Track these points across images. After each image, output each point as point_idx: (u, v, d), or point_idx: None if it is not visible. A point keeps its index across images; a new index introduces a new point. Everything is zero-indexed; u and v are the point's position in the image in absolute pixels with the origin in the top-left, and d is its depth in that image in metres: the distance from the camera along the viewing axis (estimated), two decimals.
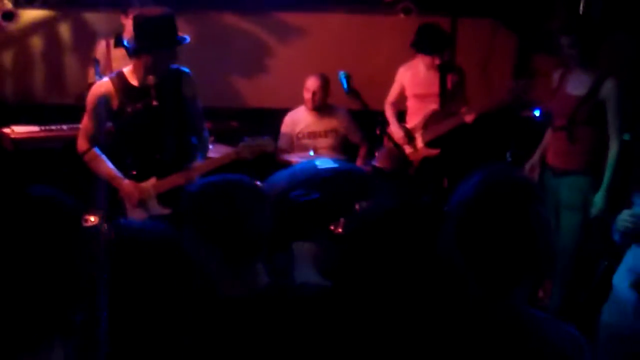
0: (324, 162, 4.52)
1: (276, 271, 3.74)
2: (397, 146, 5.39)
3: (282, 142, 5.96)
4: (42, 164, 5.36)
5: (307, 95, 5.89)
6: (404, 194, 5.34)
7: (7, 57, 6.27)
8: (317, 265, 3.86)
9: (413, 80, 5.81)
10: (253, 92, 6.73)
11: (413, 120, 5.84)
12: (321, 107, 5.91)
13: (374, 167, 5.53)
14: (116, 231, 1.79)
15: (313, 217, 4.05)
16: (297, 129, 5.95)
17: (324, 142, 5.93)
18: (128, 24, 5.46)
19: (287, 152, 5.91)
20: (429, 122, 5.76)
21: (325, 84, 5.86)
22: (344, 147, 6.04)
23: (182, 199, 2.40)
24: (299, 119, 5.99)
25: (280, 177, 4.47)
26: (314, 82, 5.86)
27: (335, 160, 4.67)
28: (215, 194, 2.28)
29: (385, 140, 5.57)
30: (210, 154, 4.96)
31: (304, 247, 3.92)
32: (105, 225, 1.65)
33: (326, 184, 4.18)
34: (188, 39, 4.26)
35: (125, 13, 5.53)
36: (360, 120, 5.89)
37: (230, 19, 6.66)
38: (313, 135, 5.94)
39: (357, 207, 2.84)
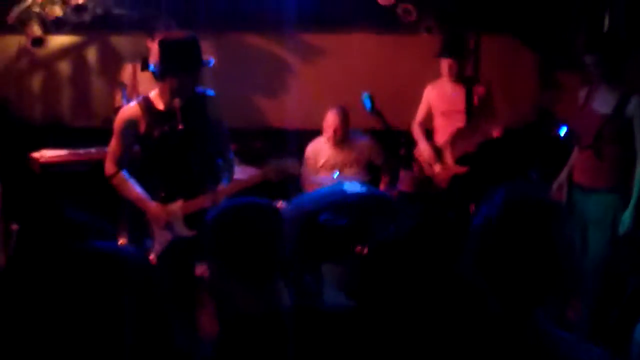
0: (352, 186, 4.53)
1: (306, 292, 3.76)
2: (422, 169, 5.40)
3: (305, 171, 5.92)
4: (70, 186, 5.42)
5: (328, 132, 5.82)
6: (429, 214, 5.35)
7: (36, 82, 6.36)
8: (344, 287, 3.87)
9: (439, 97, 5.81)
10: (277, 113, 6.76)
11: (441, 138, 5.84)
12: (343, 140, 5.86)
13: (399, 191, 5.52)
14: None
15: (340, 241, 4.07)
16: (320, 162, 5.91)
17: (348, 172, 5.85)
18: (154, 47, 5.52)
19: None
20: (456, 139, 5.75)
21: (345, 117, 5.79)
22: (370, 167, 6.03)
23: (203, 223, 2.44)
24: (321, 152, 5.93)
25: (309, 199, 4.50)
26: (334, 118, 5.79)
27: (362, 184, 4.67)
28: (233, 218, 2.32)
29: (413, 163, 5.59)
30: (236, 175, 4.99)
31: (332, 270, 3.94)
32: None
33: (353, 209, 4.20)
34: (213, 61, 4.31)
35: (151, 37, 5.59)
36: (384, 140, 5.89)
37: (253, 40, 6.71)
38: (336, 166, 5.88)
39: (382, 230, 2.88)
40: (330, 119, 5.80)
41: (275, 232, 2.34)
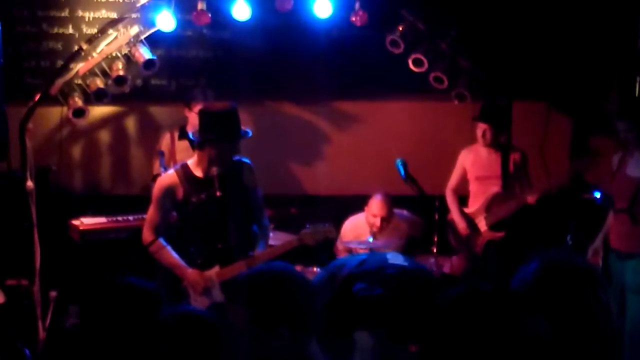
0: (395, 258, 4.51)
1: (336, 355, 3.75)
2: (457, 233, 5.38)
3: (341, 244, 5.81)
4: (109, 253, 5.48)
5: (371, 219, 5.61)
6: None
7: (76, 151, 6.49)
8: (375, 357, 3.85)
9: (475, 162, 5.84)
10: (312, 180, 6.82)
11: (475, 203, 5.84)
12: (386, 227, 5.66)
13: (443, 273, 5.48)
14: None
15: (373, 312, 4.05)
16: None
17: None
18: (191, 116, 5.66)
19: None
20: (491, 205, 5.75)
21: (391, 206, 5.62)
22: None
23: (234, 287, 2.50)
24: (361, 235, 5.70)
25: (349, 262, 4.50)
26: (381, 207, 5.58)
27: (405, 258, 4.64)
28: (261, 283, 2.37)
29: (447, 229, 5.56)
30: (270, 242, 5.03)
31: (364, 337, 3.92)
32: None
33: (391, 281, 4.18)
34: (250, 133, 4.41)
35: (189, 106, 5.72)
36: (418, 206, 5.89)
37: (289, 109, 6.82)
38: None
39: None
40: (376, 208, 5.61)
41: (309, 292, 2.39)
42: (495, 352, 1.62)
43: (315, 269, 5.59)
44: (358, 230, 5.80)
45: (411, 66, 6.21)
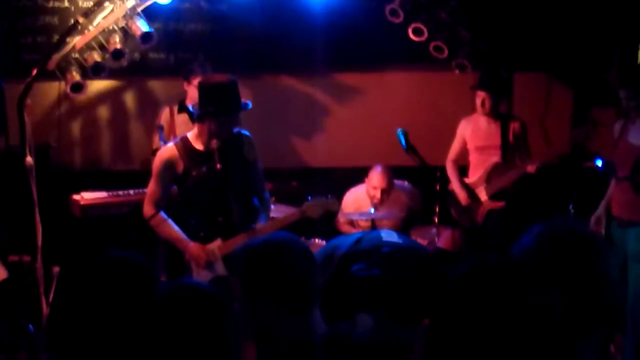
0: (389, 235, 4.51)
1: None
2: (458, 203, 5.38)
3: (342, 217, 5.83)
4: (109, 228, 5.49)
5: (372, 191, 5.59)
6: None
7: (75, 126, 6.48)
8: (375, 339, 3.85)
9: (474, 132, 5.81)
10: (312, 152, 6.81)
11: (475, 173, 5.83)
12: (387, 199, 5.65)
13: (438, 248, 5.48)
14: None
15: (372, 292, 4.05)
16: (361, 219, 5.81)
17: (386, 223, 5.66)
18: (190, 90, 5.64)
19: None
20: (491, 175, 5.74)
21: (391, 178, 5.59)
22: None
23: (232, 257, 2.51)
24: (362, 207, 5.72)
25: (344, 242, 4.49)
26: (381, 179, 5.55)
27: (400, 235, 4.64)
28: (261, 253, 2.37)
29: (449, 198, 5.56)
30: (272, 214, 5.03)
31: (365, 319, 3.91)
32: None
33: (387, 260, 4.17)
34: (250, 105, 4.38)
35: (188, 80, 5.69)
36: (419, 176, 5.89)
37: (288, 81, 6.79)
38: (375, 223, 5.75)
39: None
40: (376, 180, 5.58)
41: (309, 263, 2.41)
42: (508, 327, 1.60)
43: (317, 240, 5.60)
44: (359, 202, 5.80)
45: (411, 35, 6.17)
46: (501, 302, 1.64)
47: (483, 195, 5.78)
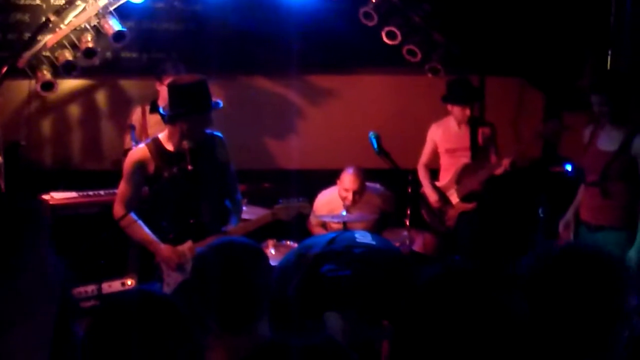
0: (363, 236, 4.50)
1: (307, 337, 3.74)
2: (429, 207, 5.41)
3: (314, 219, 5.83)
4: (79, 229, 5.43)
5: (344, 193, 5.55)
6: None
7: (46, 125, 6.41)
8: (345, 338, 3.85)
9: (445, 136, 5.87)
10: (285, 154, 6.80)
11: (446, 176, 5.88)
12: (359, 200, 5.62)
13: (412, 250, 5.50)
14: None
15: (342, 293, 4.04)
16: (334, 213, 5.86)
17: (359, 226, 5.62)
18: (162, 90, 5.60)
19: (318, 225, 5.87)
20: (461, 176, 5.80)
21: (363, 179, 5.56)
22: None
23: (192, 262, 2.48)
24: (334, 209, 5.69)
25: (318, 242, 4.49)
26: (352, 181, 5.51)
27: (374, 237, 4.63)
28: (217, 257, 2.34)
29: (422, 212, 5.59)
30: (244, 216, 5.01)
31: (334, 319, 3.91)
32: None
33: (359, 261, 4.17)
34: (221, 103, 4.36)
35: (160, 80, 5.66)
36: (391, 179, 5.90)
37: (261, 83, 6.78)
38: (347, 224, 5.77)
39: None
40: (348, 182, 5.54)
41: (252, 271, 2.33)
42: (472, 329, 1.61)
43: (288, 243, 5.60)
44: (331, 204, 5.79)
45: (384, 39, 6.19)
46: (466, 305, 1.65)
47: (454, 198, 5.82)
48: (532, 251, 1.96)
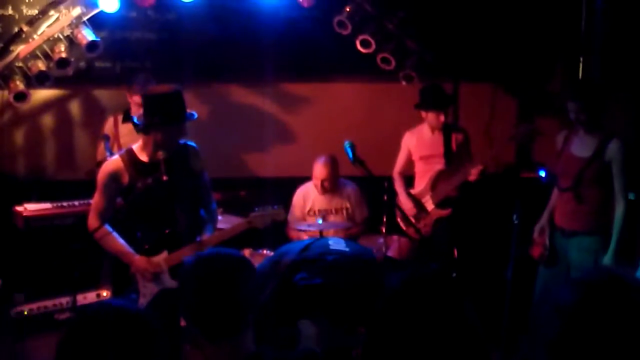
0: (337, 243, 4.51)
1: (281, 344, 3.75)
2: (405, 216, 5.44)
3: (292, 217, 5.99)
4: (54, 240, 5.38)
5: (316, 182, 5.88)
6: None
7: (19, 135, 6.35)
8: (320, 346, 3.85)
9: (419, 143, 5.90)
10: (260, 162, 6.80)
11: (421, 183, 5.91)
12: (331, 189, 5.92)
13: (386, 256, 5.54)
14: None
15: (314, 301, 4.05)
16: (308, 207, 5.98)
17: (333, 218, 5.96)
18: (132, 101, 5.60)
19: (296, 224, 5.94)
20: (436, 182, 5.83)
21: (334, 167, 5.83)
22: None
23: (178, 276, 2.46)
24: (309, 197, 6.00)
25: (293, 249, 4.49)
26: (322, 169, 5.83)
27: (348, 244, 4.65)
28: (204, 267, 2.34)
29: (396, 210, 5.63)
30: (220, 225, 4.99)
31: (308, 326, 3.92)
32: None
33: (331, 269, 4.18)
34: (196, 115, 4.35)
35: (129, 90, 5.66)
36: (366, 187, 5.94)
37: (235, 91, 6.77)
38: (323, 212, 5.96)
39: None
40: (318, 170, 5.83)
41: (241, 284, 2.33)
42: (440, 337, 1.63)
43: (265, 251, 5.60)
44: (307, 197, 6.00)
45: (359, 47, 6.22)
46: (436, 313, 1.67)
47: (430, 205, 5.85)
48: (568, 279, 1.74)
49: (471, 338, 1.66)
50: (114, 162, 4.34)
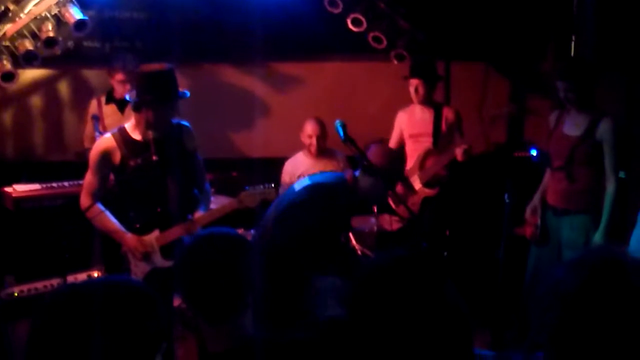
0: (300, 183, 4.50)
1: (302, 311, 3.71)
2: (399, 200, 5.43)
3: (282, 187, 5.96)
4: (44, 221, 5.35)
5: (308, 140, 5.92)
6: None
7: (7, 116, 6.31)
8: (339, 296, 3.81)
9: (410, 121, 5.90)
10: (252, 142, 6.78)
11: (410, 162, 5.90)
12: (321, 151, 5.95)
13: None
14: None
15: (302, 252, 4.06)
16: (298, 173, 5.98)
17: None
18: (115, 80, 5.61)
19: None
20: (424, 162, 5.83)
21: (323, 127, 5.91)
22: None
23: (176, 256, 2.43)
24: (299, 164, 6.02)
25: (269, 212, 4.50)
26: (314, 127, 5.89)
27: (310, 177, 4.62)
28: (204, 247, 2.31)
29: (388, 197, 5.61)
30: (212, 205, 4.97)
31: (323, 281, 3.88)
32: None
33: (298, 210, 4.20)
34: (188, 93, 4.33)
35: (111, 71, 5.65)
36: (357, 167, 5.90)
37: (227, 71, 6.74)
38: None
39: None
40: (309, 129, 5.89)
41: (241, 263, 2.30)
42: (419, 318, 1.62)
43: (242, 234, 5.58)
44: (296, 164, 6.01)
45: (350, 26, 6.18)
46: (413, 291, 1.65)
47: (417, 184, 5.84)
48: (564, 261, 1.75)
49: (451, 316, 1.65)
50: (106, 140, 4.31)
